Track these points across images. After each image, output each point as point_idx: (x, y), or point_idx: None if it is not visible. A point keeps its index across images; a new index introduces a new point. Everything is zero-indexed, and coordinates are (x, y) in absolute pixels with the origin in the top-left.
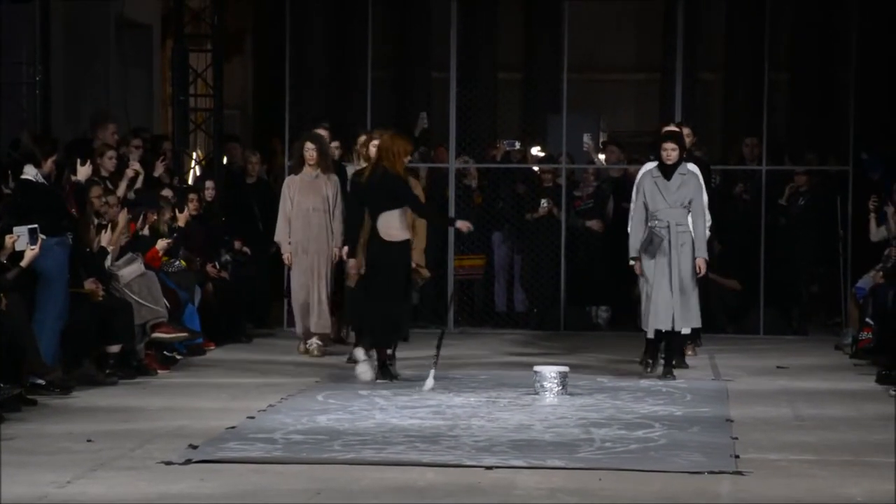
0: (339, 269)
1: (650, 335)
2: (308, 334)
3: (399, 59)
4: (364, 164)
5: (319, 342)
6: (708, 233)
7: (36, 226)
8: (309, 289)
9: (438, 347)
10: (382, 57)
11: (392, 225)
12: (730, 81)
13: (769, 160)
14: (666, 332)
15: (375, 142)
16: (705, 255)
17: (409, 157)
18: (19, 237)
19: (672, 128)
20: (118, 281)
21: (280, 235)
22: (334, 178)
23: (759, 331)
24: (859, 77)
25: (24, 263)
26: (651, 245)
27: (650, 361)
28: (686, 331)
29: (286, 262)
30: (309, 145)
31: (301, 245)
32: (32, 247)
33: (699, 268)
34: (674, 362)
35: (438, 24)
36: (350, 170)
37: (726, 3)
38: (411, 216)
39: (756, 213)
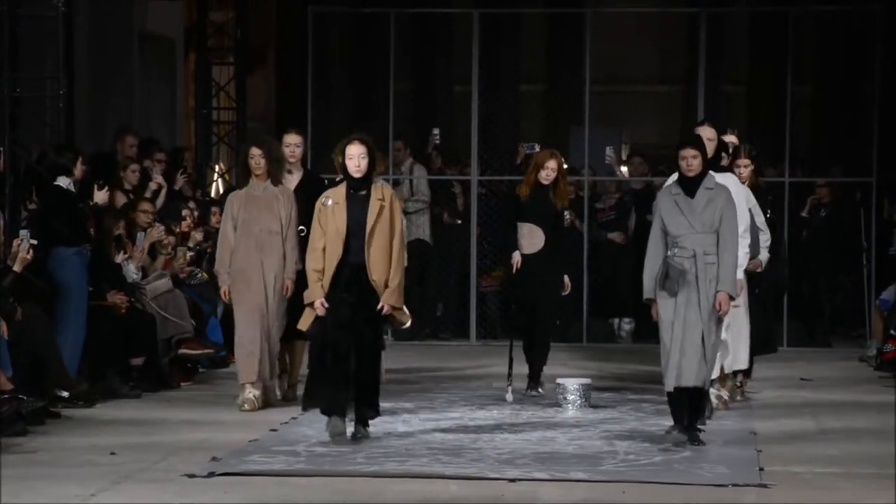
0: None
1: (669, 389)
2: (254, 382)
3: (421, 71)
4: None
5: (257, 392)
6: (767, 254)
7: (27, 231)
8: (254, 328)
9: (510, 364)
10: (404, 70)
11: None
12: (753, 94)
13: (791, 172)
14: (694, 387)
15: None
16: (729, 289)
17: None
18: (22, 241)
19: (700, 129)
20: (145, 294)
21: (220, 264)
22: (288, 191)
23: (783, 343)
24: (884, 90)
25: (16, 267)
26: (668, 280)
27: (674, 428)
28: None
29: (223, 296)
30: (255, 151)
31: (245, 273)
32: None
33: (719, 304)
34: (700, 426)
35: (460, 37)
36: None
37: (749, 15)
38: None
39: (779, 225)
